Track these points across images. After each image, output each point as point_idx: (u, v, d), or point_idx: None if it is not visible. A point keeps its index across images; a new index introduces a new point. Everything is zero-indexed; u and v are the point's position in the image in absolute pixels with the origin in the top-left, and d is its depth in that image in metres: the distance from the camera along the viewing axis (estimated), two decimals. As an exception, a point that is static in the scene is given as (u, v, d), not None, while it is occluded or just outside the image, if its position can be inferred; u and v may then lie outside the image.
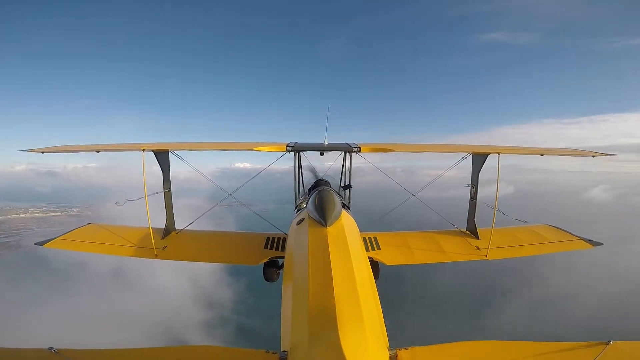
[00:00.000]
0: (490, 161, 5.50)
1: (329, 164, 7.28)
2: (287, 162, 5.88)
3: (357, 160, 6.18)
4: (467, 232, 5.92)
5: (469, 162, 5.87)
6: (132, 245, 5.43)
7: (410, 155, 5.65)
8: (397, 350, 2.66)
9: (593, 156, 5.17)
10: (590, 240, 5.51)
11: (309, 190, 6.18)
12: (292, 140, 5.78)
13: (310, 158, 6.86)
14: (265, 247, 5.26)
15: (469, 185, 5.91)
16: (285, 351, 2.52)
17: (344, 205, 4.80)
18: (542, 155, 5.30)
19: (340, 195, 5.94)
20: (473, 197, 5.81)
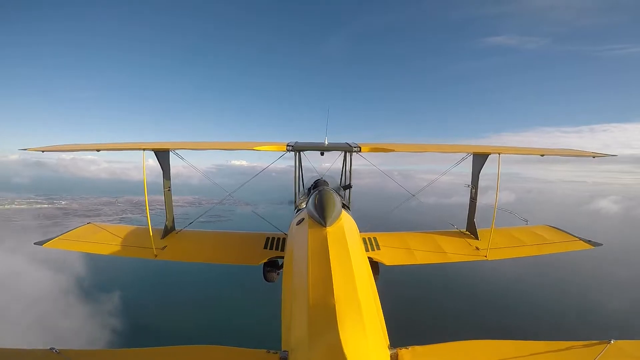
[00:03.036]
0: (489, 168, 5.51)
1: (327, 165, 7.28)
2: (282, 161, 5.83)
3: (354, 161, 6.18)
4: (467, 232, 5.92)
5: (469, 167, 5.85)
6: (131, 245, 5.45)
7: (407, 160, 5.65)
8: (398, 350, 2.66)
9: (593, 157, 5.17)
10: (589, 240, 5.51)
11: (309, 190, 6.16)
12: (292, 139, 5.79)
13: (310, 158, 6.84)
14: (265, 247, 5.27)
15: (468, 186, 5.91)
16: (286, 351, 2.53)
17: (343, 206, 4.80)
18: (542, 155, 5.29)
19: (340, 195, 5.94)
20: (473, 198, 5.81)
